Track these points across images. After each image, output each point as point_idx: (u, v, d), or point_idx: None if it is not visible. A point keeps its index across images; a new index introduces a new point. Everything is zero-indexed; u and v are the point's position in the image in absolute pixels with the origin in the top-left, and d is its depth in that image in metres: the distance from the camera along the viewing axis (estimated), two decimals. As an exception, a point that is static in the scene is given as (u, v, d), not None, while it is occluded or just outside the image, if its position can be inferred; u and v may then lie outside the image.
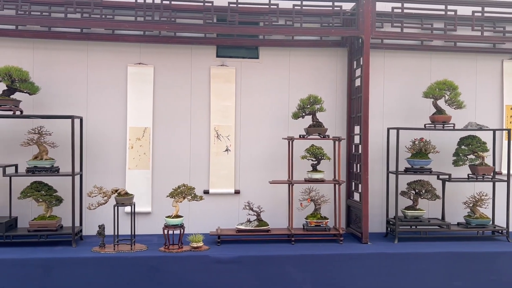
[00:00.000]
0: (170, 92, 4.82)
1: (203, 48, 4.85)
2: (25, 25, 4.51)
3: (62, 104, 4.63)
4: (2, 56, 4.54)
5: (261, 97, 4.93)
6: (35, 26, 4.51)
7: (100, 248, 4.04)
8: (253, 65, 4.93)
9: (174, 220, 4.07)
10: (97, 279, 3.83)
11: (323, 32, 4.53)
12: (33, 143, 4.19)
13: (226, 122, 4.88)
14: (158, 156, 4.80)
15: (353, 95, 4.83)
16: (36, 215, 4.42)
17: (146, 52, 4.78)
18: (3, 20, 4.26)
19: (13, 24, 4.47)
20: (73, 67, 4.69)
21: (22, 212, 4.49)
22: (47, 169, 4.18)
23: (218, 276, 3.92)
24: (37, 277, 3.77)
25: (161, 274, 3.87)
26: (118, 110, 4.74)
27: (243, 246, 4.24)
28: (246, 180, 4.91)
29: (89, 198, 4.34)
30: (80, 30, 4.62)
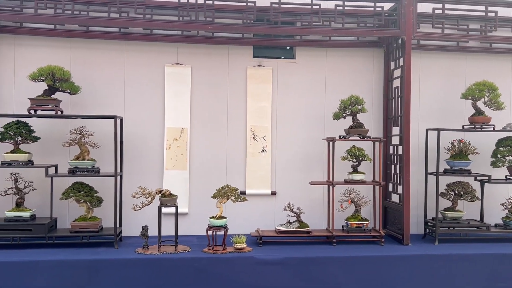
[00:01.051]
0: (207, 92, 4.79)
1: (240, 48, 4.83)
2: (63, 24, 4.48)
3: (99, 104, 4.60)
4: (40, 56, 4.52)
5: (297, 97, 4.91)
6: (73, 25, 4.48)
7: (144, 249, 4.02)
8: (289, 66, 4.91)
9: (219, 221, 4.05)
10: (143, 280, 3.80)
11: (364, 32, 4.52)
12: (75, 143, 4.16)
13: (263, 122, 4.85)
14: (195, 156, 4.78)
15: (390, 96, 4.82)
16: (73, 215, 4.41)
17: (183, 52, 4.75)
18: (43, 19, 4.23)
19: (51, 23, 4.44)
20: (110, 67, 4.65)
21: (59, 212, 4.45)
22: (89, 169, 4.15)
23: (263, 277, 3.90)
24: (83, 278, 3.74)
25: (207, 276, 3.85)
26: (155, 110, 4.71)
27: (285, 248, 4.22)
28: (282, 181, 4.89)
29: (131, 199, 4.34)
30: (118, 29, 4.59)
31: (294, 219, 4.46)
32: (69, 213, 4.52)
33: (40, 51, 4.55)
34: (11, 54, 4.51)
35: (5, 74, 4.49)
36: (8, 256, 3.80)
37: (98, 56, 4.63)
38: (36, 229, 4.03)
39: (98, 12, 4.27)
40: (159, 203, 4.06)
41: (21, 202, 4.14)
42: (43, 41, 4.54)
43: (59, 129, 4.49)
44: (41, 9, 4.09)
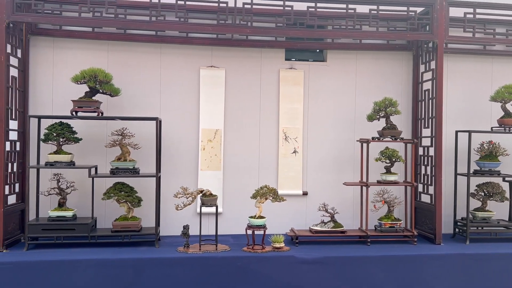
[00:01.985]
0: (240, 94, 4.88)
1: (273, 51, 4.92)
2: (101, 27, 4.56)
3: (135, 106, 4.68)
4: (78, 58, 4.60)
5: (328, 99, 5.00)
6: (111, 28, 4.56)
7: (185, 248, 4.09)
8: (320, 68, 5.00)
9: (258, 220, 4.13)
10: (185, 279, 3.88)
11: (398, 36, 4.62)
12: (116, 144, 4.24)
13: (294, 124, 4.94)
14: (229, 157, 4.86)
15: (420, 98, 4.91)
16: (110, 215, 4.49)
17: (218, 55, 4.84)
18: (82, 22, 4.29)
19: (90, 26, 4.51)
20: (147, 69, 4.73)
21: (96, 212, 4.51)
22: (130, 170, 4.22)
23: (303, 276, 3.98)
24: (128, 277, 3.81)
25: (248, 274, 3.93)
26: (190, 112, 4.79)
27: (321, 247, 4.31)
28: (313, 181, 4.98)
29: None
30: (155, 33, 4.67)
31: (327, 219, 4.54)
32: (106, 213, 4.60)
33: (78, 54, 4.62)
34: (49, 57, 4.58)
35: (44, 76, 4.57)
36: (53, 255, 3.88)
37: (135, 59, 4.71)
38: (79, 229, 4.10)
39: (136, 15, 4.34)
40: (199, 203, 4.14)
41: (64, 202, 4.21)
42: (81, 43, 4.62)
43: (96, 131, 4.57)
44: (82, 12, 4.15)
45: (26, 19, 4.08)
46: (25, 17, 4.07)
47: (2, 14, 3.92)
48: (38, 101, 4.55)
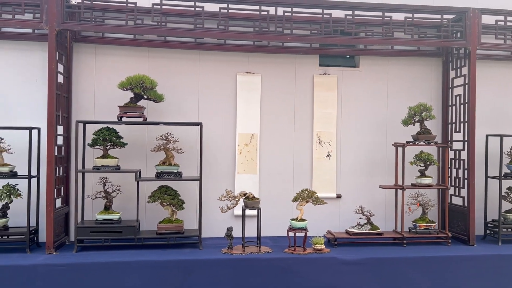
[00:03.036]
0: (275, 99, 5.00)
1: (307, 58, 5.04)
2: (142, 35, 4.67)
3: (175, 111, 4.79)
4: (119, 65, 4.71)
5: (360, 104, 5.12)
6: (152, 35, 4.67)
7: (229, 250, 4.20)
8: (353, 74, 5.12)
9: (300, 223, 4.24)
10: (231, 279, 3.97)
11: (432, 42, 4.75)
12: (161, 149, 4.35)
13: (328, 128, 5.06)
14: (264, 161, 4.98)
15: (450, 103, 5.03)
16: (151, 218, 4.59)
17: (254, 62, 4.96)
18: (129, 30, 4.38)
19: (131, 34, 4.62)
20: (185, 75, 4.85)
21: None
22: (174, 174, 4.33)
23: (345, 277, 4.08)
24: (177, 278, 3.91)
25: (292, 275, 4.03)
26: (227, 117, 4.91)
27: (359, 249, 4.42)
28: (346, 184, 5.09)
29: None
30: (194, 40, 4.79)
31: (363, 221, 4.65)
32: (146, 215, 4.70)
33: (119, 60, 4.74)
34: (91, 63, 4.69)
35: (86, 82, 4.68)
36: (103, 256, 3.97)
37: (174, 65, 4.83)
38: (126, 231, 4.21)
39: (176, 23, 4.43)
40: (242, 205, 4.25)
41: (110, 205, 4.31)
42: (122, 50, 4.74)
43: (137, 135, 4.68)
44: (128, 20, 4.26)
45: (76, 27, 4.20)
46: (74, 25, 4.18)
47: (52, 23, 4.03)
48: (80, 107, 4.66)
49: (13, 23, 4.07)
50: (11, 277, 3.70)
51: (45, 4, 4.03)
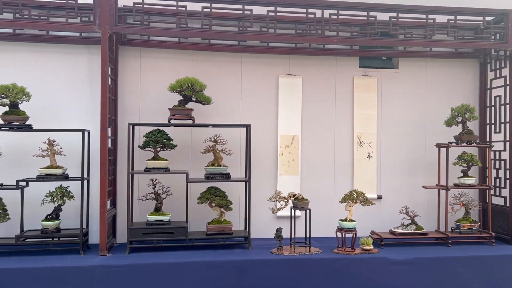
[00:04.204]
0: (316, 101, 5.04)
1: (347, 59, 5.09)
2: (186, 38, 4.71)
3: (218, 113, 4.82)
4: (163, 67, 4.76)
5: (400, 105, 5.17)
6: (196, 38, 4.71)
7: (279, 250, 4.24)
8: (392, 75, 5.17)
9: (349, 223, 4.28)
10: (283, 280, 4.01)
11: (473, 44, 4.81)
12: (210, 150, 4.38)
13: (368, 129, 5.10)
14: (305, 162, 5.02)
15: (488, 104, 5.08)
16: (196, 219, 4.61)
17: (295, 64, 5.00)
18: (168, 33, 4.44)
19: (179, 37, 4.66)
20: (228, 78, 4.89)
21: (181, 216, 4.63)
22: (223, 175, 4.37)
23: (395, 277, 4.13)
24: (232, 278, 3.95)
25: (344, 275, 4.07)
26: (269, 118, 4.95)
27: (406, 249, 4.46)
28: (386, 185, 5.14)
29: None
30: (237, 42, 4.83)
31: (407, 221, 4.69)
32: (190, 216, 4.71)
33: (164, 63, 4.78)
34: (137, 66, 4.73)
35: (131, 85, 4.72)
36: (157, 257, 4.01)
37: (217, 68, 4.87)
38: (177, 232, 4.24)
39: (221, 26, 4.48)
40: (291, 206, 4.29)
41: (160, 206, 4.35)
42: (166, 53, 4.78)
43: (182, 137, 4.71)
44: (180, 23, 4.30)
45: (128, 30, 4.25)
46: (126, 28, 4.23)
47: (105, 26, 4.08)
48: (126, 109, 4.70)
49: (67, 26, 4.10)
50: (69, 279, 3.74)
51: (98, 7, 4.07)
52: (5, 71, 4.46)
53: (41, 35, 4.50)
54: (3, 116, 4.04)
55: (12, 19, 4.24)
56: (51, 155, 4.15)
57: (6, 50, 4.50)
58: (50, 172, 4.10)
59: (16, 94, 3.98)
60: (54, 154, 4.16)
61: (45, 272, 3.74)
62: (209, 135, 4.55)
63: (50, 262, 3.84)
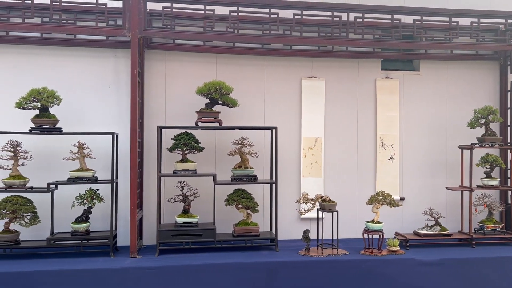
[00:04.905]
0: (339, 103, 5.08)
1: (369, 62, 5.13)
2: (211, 41, 4.75)
3: (241, 115, 4.85)
4: (188, 71, 4.80)
5: (421, 107, 5.21)
6: (220, 41, 4.75)
7: (306, 252, 4.27)
8: (414, 77, 5.21)
9: (376, 225, 4.31)
10: (313, 280, 4.04)
11: (497, 46, 4.86)
12: (236, 153, 4.42)
13: (391, 131, 5.14)
14: (328, 164, 5.05)
15: (510, 105, 5.12)
16: (222, 221, 4.62)
17: (318, 66, 5.04)
18: (196, 36, 4.48)
19: (201, 40, 4.70)
20: (251, 80, 4.93)
21: (208, 217, 4.66)
22: (250, 177, 4.40)
23: (423, 278, 4.15)
24: (262, 280, 3.98)
25: (372, 277, 4.10)
26: (292, 121, 4.99)
27: (431, 250, 4.48)
28: (409, 186, 5.17)
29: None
30: (261, 46, 4.87)
31: (431, 223, 4.72)
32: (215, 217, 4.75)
33: (188, 66, 4.82)
34: (162, 69, 4.77)
35: (157, 87, 4.76)
36: (186, 259, 4.04)
37: (241, 71, 4.91)
38: (205, 234, 4.28)
39: (245, 29, 4.50)
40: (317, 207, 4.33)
41: (188, 208, 4.38)
42: (191, 56, 4.82)
43: (207, 139, 4.73)
44: (207, 27, 4.34)
45: (157, 34, 4.28)
46: (156, 32, 4.27)
47: (135, 30, 4.11)
48: (151, 111, 4.74)
49: (98, 30, 4.15)
50: (102, 280, 3.77)
51: (128, 12, 4.11)
52: (33, 75, 4.50)
53: (68, 39, 4.54)
54: (34, 119, 4.07)
55: (42, 23, 4.27)
56: (81, 158, 4.19)
57: (35, 54, 4.53)
58: (80, 175, 4.14)
59: (47, 97, 4.02)
60: (84, 157, 4.20)
61: (78, 274, 3.77)
62: (233, 138, 4.59)
63: (83, 264, 3.87)
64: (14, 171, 4.09)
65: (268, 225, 4.68)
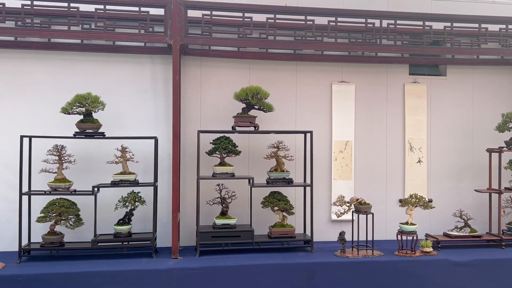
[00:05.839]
0: (368, 107, 5.19)
1: (398, 67, 5.24)
2: (245, 47, 4.86)
3: (274, 119, 4.95)
4: (222, 76, 4.92)
5: (448, 111, 5.32)
6: (254, 48, 4.87)
7: (342, 253, 4.37)
8: (441, 82, 5.32)
9: (410, 227, 4.42)
10: (350, 281, 4.15)
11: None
12: (273, 156, 4.53)
13: (419, 135, 5.25)
14: (358, 167, 5.16)
15: (535, 109, 5.24)
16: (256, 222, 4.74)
17: (348, 71, 5.15)
18: (231, 43, 4.63)
19: (237, 46, 4.82)
20: (283, 85, 5.04)
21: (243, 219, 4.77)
22: (286, 180, 4.51)
23: (458, 278, 4.26)
24: (300, 280, 4.09)
25: (407, 277, 4.21)
26: (323, 124, 5.10)
27: (462, 251, 4.58)
28: (436, 189, 5.27)
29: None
30: (293, 51, 4.98)
31: (461, 224, 4.83)
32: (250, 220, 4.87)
33: (223, 72, 4.93)
34: (197, 75, 4.88)
35: (193, 93, 4.87)
36: (228, 260, 4.15)
37: (273, 76, 5.02)
38: (244, 235, 4.39)
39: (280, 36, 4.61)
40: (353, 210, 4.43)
41: (226, 210, 4.49)
42: (225, 62, 4.93)
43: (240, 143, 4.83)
44: (246, 34, 4.46)
45: (197, 41, 4.40)
46: (196, 39, 4.38)
47: (176, 37, 4.23)
48: (187, 116, 4.85)
49: (140, 37, 4.26)
50: (148, 281, 3.87)
51: (169, 19, 4.23)
52: (73, 80, 4.62)
53: (108, 45, 4.65)
54: (79, 124, 4.19)
55: (86, 30, 4.40)
56: (124, 162, 4.30)
57: (75, 60, 4.65)
58: (123, 178, 4.25)
59: (91, 103, 4.13)
60: (126, 161, 4.31)
61: (124, 275, 3.87)
62: (265, 141, 4.73)
63: (128, 265, 3.97)
64: (59, 175, 4.20)
65: (301, 226, 4.78)
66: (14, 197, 4.40)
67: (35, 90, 4.59)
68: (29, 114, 4.57)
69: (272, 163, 4.67)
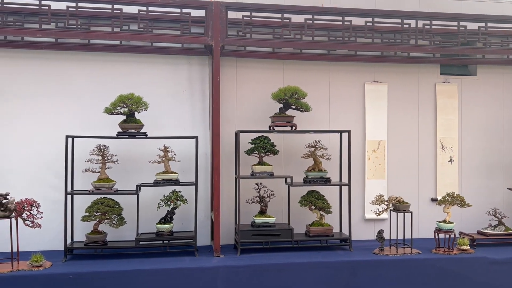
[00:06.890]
0: (401, 107, 5.24)
1: (429, 67, 5.29)
2: (280, 48, 4.91)
3: (308, 119, 4.98)
4: (256, 76, 4.97)
5: (479, 111, 5.37)
6: (288, 48, 4.92)
7: (380, 251, 4.42)
8: (471, 82, 5.37)
9: (448, 225, 4.46)
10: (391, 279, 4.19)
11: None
12: (310, 155, 4.58)
13: (450, 134, 5.30)
14: (391, 166, 5.20)
15: None
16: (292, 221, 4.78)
17: (380, 71, 5.20)
18: (272, 44, 4.66)
19: (269, 47, 4.86)
20: (317, 85, 5.08)
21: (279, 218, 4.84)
22: (323, 179, 4.56)
23: (497, 276, 4.30)
24: (343, 278, 4.14)
25: (447, 275, 4.25)
26: (356, 124, 5.14)
27: (498, 249, 4.61)
28: (467, 187, 5.32)
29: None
30: (327, 51, 5.03)
31: (495, 222, 4.87)
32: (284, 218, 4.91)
33: (257, 72, 4.98)
34: (233, 75, 4.94)
35: (229, 93, 4.92)
36: (270, 258, 4.19)
37: (306, 76, 5.06)
38: (283, 234, 4.44)
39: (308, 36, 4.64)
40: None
41: (265, 209, 4.54)
42: (259, 63, 4.98)
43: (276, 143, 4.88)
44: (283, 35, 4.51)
45: (238, 42, 4.45)
46: (237, 40, 4.44)
47: (217, 38, 4.29)
48: (223, 116, 4.87)
49: (183, 38, 4.31)
50: (195, 279, 3.92)
51: (211, 20, 4.28)
52: (112, 81, 4.67)
53: (146, 46, 4.71)
54: (122, 124, 4.24)
55: (129, 31, 4.43)
56: (166, 161, 4.35)
57: (113, 61, 4.70)
58: (166, 177, 4.30)
59: (135, 103, 4.18)
60: (168, 160, 4.36)
61: (168, 273, 3.91)
62: (300, 140, 4.78)
63: (172, 264, 4.02)
64: (103, 174, 4.25)
65: (336, 225, 4.82)
66: (54, 197, 4.47)
67: (74, 91, 4.65)
68: (69, 115, 4.62)
69: (307, 162, 4.72)
